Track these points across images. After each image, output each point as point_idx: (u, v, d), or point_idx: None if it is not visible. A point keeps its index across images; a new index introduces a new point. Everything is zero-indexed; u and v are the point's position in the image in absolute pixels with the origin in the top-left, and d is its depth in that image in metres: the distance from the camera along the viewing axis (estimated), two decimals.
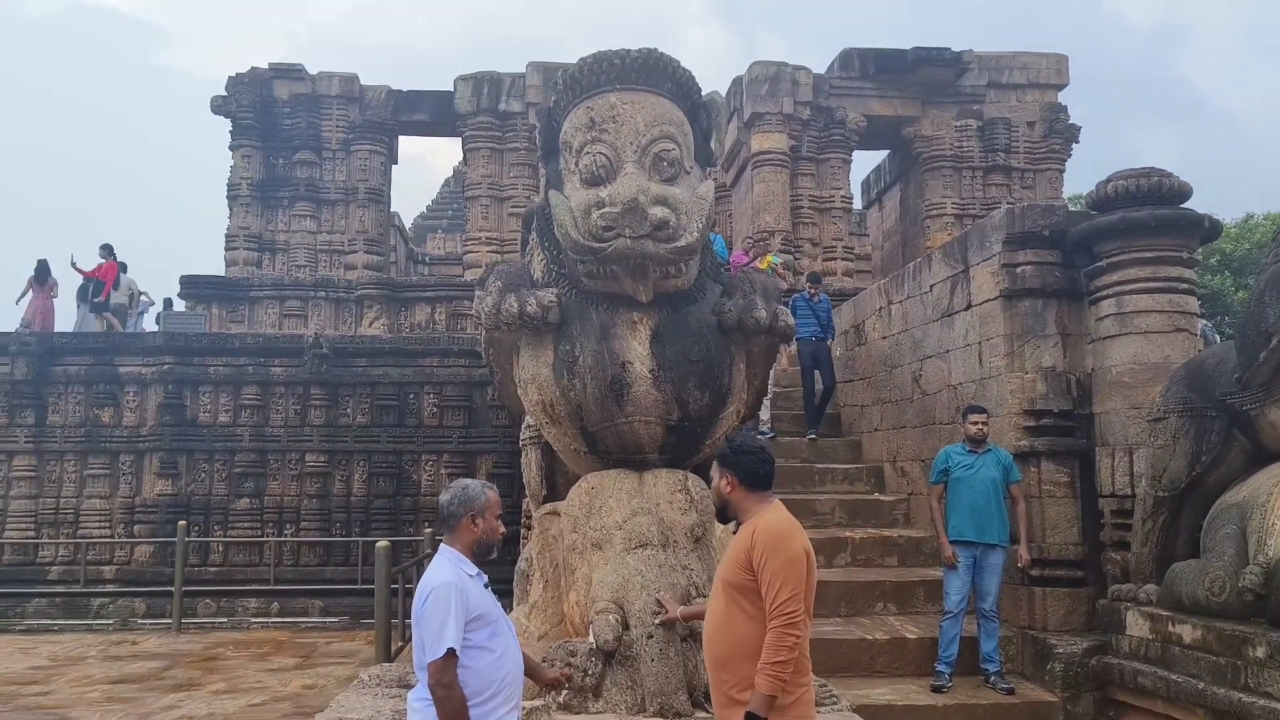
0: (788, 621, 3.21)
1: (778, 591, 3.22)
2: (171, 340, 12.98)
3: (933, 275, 9.34)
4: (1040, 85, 18.11)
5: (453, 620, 3.17)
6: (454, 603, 3.19)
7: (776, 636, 3.21)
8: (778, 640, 3.20)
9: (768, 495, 3.43)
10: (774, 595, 3.22)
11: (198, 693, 8.06)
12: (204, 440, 12.68)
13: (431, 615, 3.21)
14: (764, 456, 3.43)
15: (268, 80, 17.30)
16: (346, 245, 17.09)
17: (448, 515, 3.39)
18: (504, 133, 17.28)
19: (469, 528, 3.37)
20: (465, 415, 12.92)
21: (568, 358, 4.76)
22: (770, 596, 3.23)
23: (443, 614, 3.18)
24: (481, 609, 3.30)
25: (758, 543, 3.28)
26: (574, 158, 4.73)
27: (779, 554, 3.25)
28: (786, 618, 3.21)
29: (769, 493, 3.44)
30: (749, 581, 3.31)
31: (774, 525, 3.32)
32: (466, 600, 3.24)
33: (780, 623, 3.21)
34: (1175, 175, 7.53)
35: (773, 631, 3.22)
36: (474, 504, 3.39)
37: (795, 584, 3.23)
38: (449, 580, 3.25)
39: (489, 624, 3.32)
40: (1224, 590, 5.70)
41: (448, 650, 3.16)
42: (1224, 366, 6.27)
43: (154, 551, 12.27)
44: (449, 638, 3.16)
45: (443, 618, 3.18)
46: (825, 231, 17.14)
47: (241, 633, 11.28)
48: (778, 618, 3.21)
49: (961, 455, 7.32)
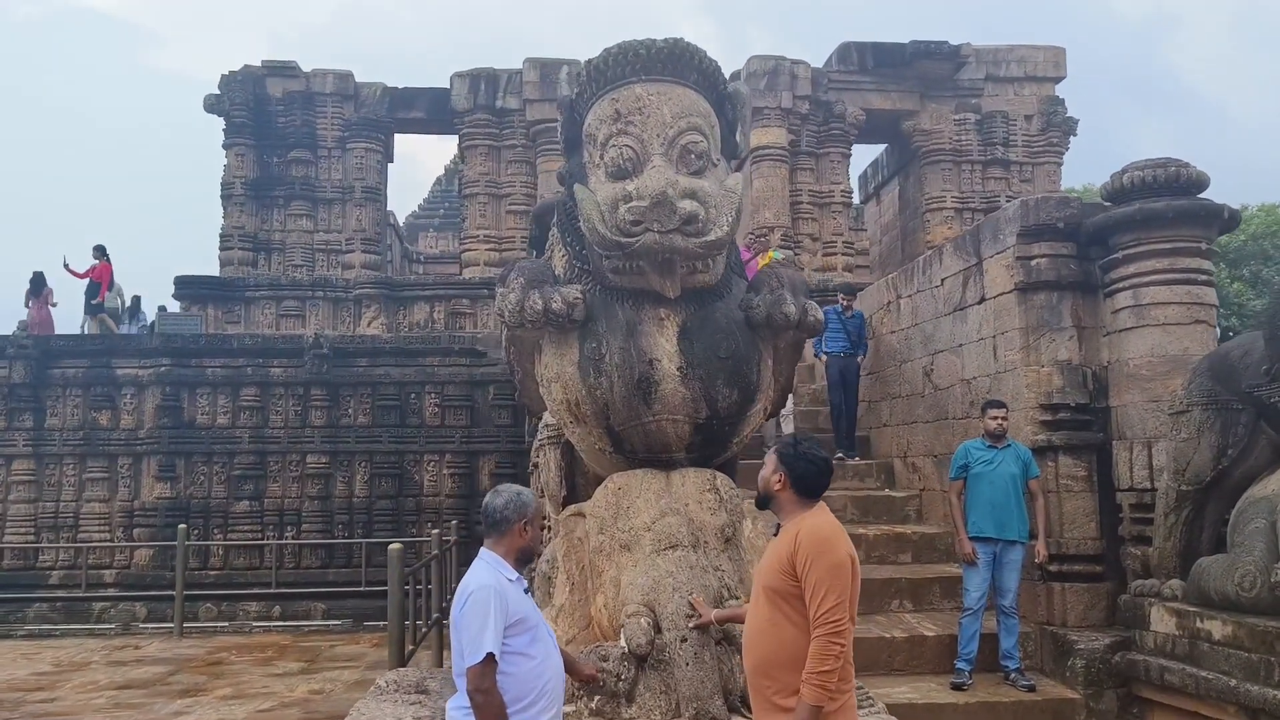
0: (833, 630, 3.11)
1: (822, 599, 3.12)
2: (168, 342, 12.85)
3: (944, 269, 9.26)
4: (1037, 78, 18.05)
5: (492, 624, 3.09)
6: (494, 606, 3.11)
7: (822, 646, 3.11)
8: (823, 650, 3.11)
9: (814, 501, 3.34)
10: (818, 603, 3.12)
11: (205, 698, 7.94)
12: (202, 443, 12.55)
13: (471, 619, 3.12)
14: (824, 469, 3.34)
15: (261, 78, 17.12)
16: (343, 244, 16.93)
17: (500, 519, 3.30)
18: (501, 130, 17.14)
19: (520, 533, 3.30)
20: (467, 415, 12.81)
21: (594, 355, 4.65)
22: (815, 604, 3.13)
23: (482, 618, 3.10)
24: (522, 613, 3.22)
25: (801, 547, 3.18)
26: (599, 150, 4.61)
27: (823, 560, 3.15)
28: (831, 626, 3.11)
29: (817, 500, 3.34)
30: (792, 587, 3.21)
31: (818, 530, 3.22)
32: (506, 604, 3.16)
33: (825, 631, 3.11)
34: (1192, 165, 7.46)
35: (817, 641, 3.12)
36: (527, 510, 3.32)
37: (840, 591, 3.14)
38: (487, 584, 3.16)
39: (529, 629, 3.24)
40: (1255, 585, 5.62)
41: (487, 655, 3.07)
42: (1250, 358, 6.20)
43: (154, 555, 12.15)
44: (488, 642, 3.07)
45: (482, 622, 3.09)
46: (825, 227, 17.06)
47: (244, 637, 11.16)
48: (822, 626, 3.12)
49: (981, 450, 7.24)
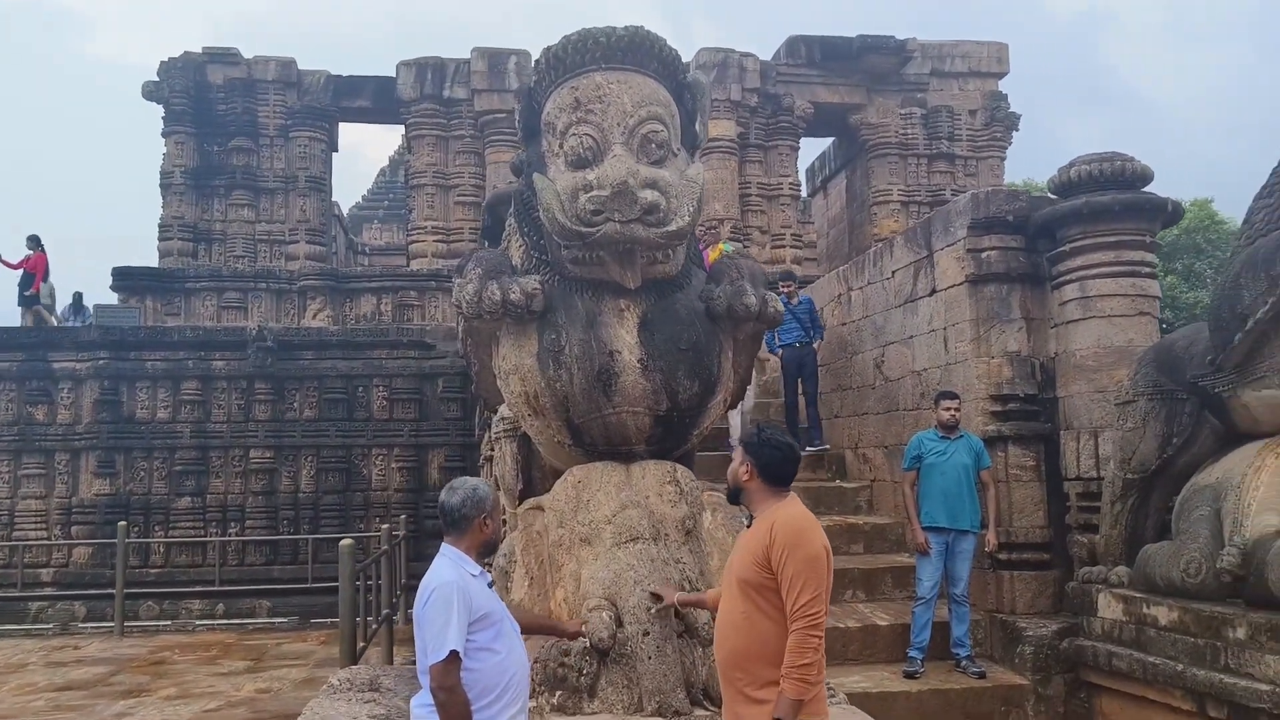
0: (811, 623, 3.10)
1: (799, 592, 3.10)
2: (106, 334, 12.50)
3: (895, 261, 9.34)
4: (981, 74, 18.31)
5: (455, 621, 3.04)
6: (456, 603, 3.06)
7: (800, 639, 3.10)
8: (802, 643, 3.10)
9: (785, 490, 3.32)
10: (795, 596, 3.11)
11: (148, 699, 7.75)
12: (143, 438, 12.25)
13: (434, 616, 3.07)
14: (790, 455, 3.32)
15: (201, 65, 16.73)
16: (287, 235, 16.62)
17: (459, 518, 3.24)
18: (449, 120, 16.96)
19: (480, 528, 3.25)
20: (416, 408, 12.65)
21: (553, 347, 4.59)
22: (791, 598, 3.11)
23: (445, 615, 3.05)
24: (486, 609, 3.17)
25: (776, 540, 3.16)
26: (558, 139, 4.55)
27: (799, 552, 3.13)
28: (810, 619, 3.10)
29: (787, 489, 3.33)
30: (767, 579, 3.19)
31: (793, 522, 3.20)
32: (470, 600, 3.11)
33: (803, 625, 3.10)
34: (1137, 160, 7.59)
35: (796, 634, 3.11)
36: (485, 505, 3.27)
37: (817, 584, 3.13)
38: (450, 580, 3.11)
39: (493, 624, 3.19)
40: (1200, 572, 5.74)
41: (450, 652, 3.02)
42: (1194, 348, 6.32)
43: (93, 553, 11.83)
44: (451, 639, 3.02)
45: (445, 619, 3.04)
46: (773, 219, 17.15)
47: (187, 635, 10.92)
48: (800, 619, 3.10)
49: (934, 441, 7.31)
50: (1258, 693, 5.11)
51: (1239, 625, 5.36)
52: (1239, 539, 5.52)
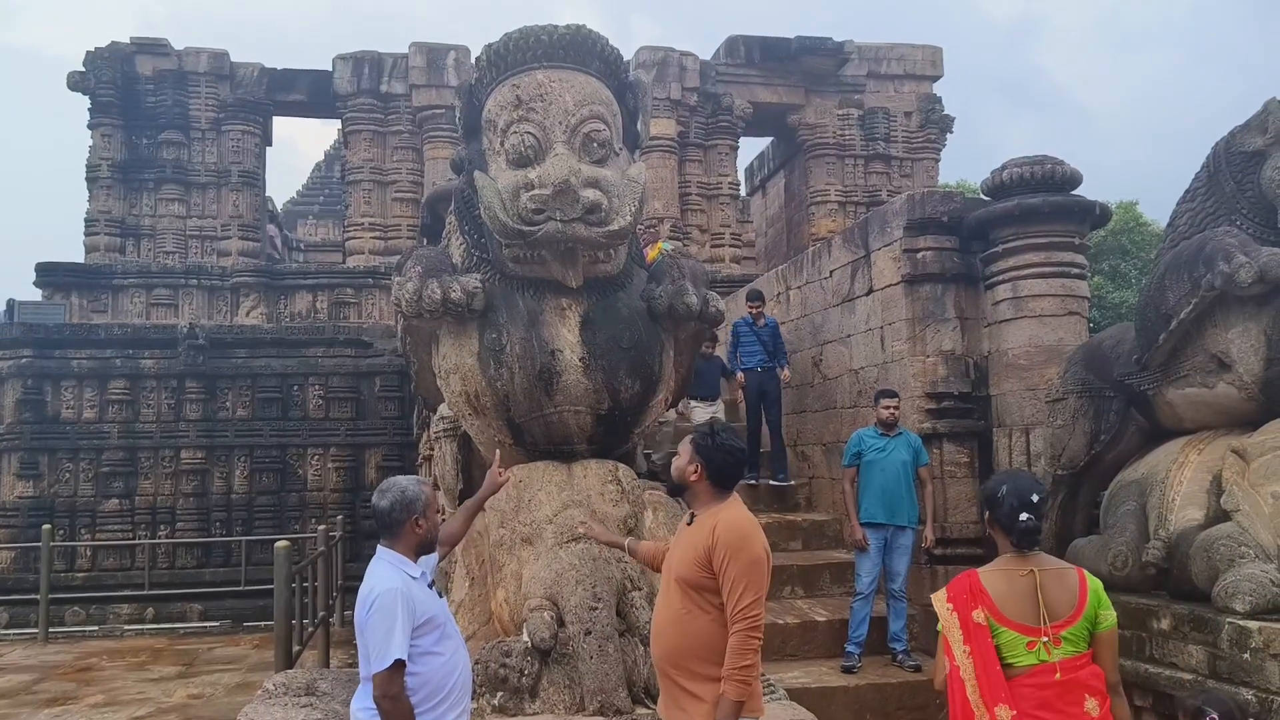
0: (751, 625, 3.13)
1: (741, 595, 3.13)
2: (29, 332, 12.13)
3: (833, 261, 9.44)
4: (916, 76, 18.57)
5: (399, 629, 3.00)
6: (400, 610, 3.02)
7: (741, 641, 3.12)
8: (743, 644, 3.12)
9: (729, 492, 3.35)
10: (737, 599, 3.13)
11: (74, 706, 7.57)
12: (67, 438, 11.93)
13: (377, 624, 3.03)
14: (740, 459, 3.34)
15: (129, 55, 16.29)
16: (219, 231, 16.27)
17: (391, 522, 3.19)
18: (386, 115, 16.74)
19: (412, 530, 3.19)
20: (353, 407, 12.49)
21: (494, 346, 4.57)
22: (733, 601, 3.14)
23: (388, 622, 3.00)
24: (429, 613, 3.14)
25: (719, 543, 3.18)
26: (499, 137, 4.53)
27: (742, 556, 3.15)
28: (750, 621, 3.13)
29: (731, 491, 3.36)
30: (707, 580, 3.21)
31: (735, 525, 3.22)
32: (414, 606, 3.07)
33: (744, 627, 3.12)
34: (1067, 163, 7.76)
35: (736, 636, 3.13)
36: (415, 506, 3.21)
37: (758, 587, 3.16)
38: (393, 586, 3.06)
39: (437, 627, 3.16)
40: (1127, 565, 5.88)
41: (394, 661, 2.98)
42: (1121, 348, 6.48)
43: (16, 557, 11.49)
44: (395, 648, 2.99)
45: (389, 626, 3.00)
46: (713, 218, 17.23)
47: (115, 640, 10.67)
48: (741, 622, 3.12)
49: (874, 439, 7.37)
50: (1181, 681, 5.26)
51: (1163, 616, 5.51)
52: (1163, 533, 5.67)
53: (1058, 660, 3.15)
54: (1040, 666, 3.15)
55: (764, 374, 9.69)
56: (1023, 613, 3.18)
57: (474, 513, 4.02)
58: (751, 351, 9.74)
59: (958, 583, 3.34)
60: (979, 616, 3.21)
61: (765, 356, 9.70)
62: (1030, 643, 3.16)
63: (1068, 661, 3.16)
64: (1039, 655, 3.16)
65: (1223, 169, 5.81)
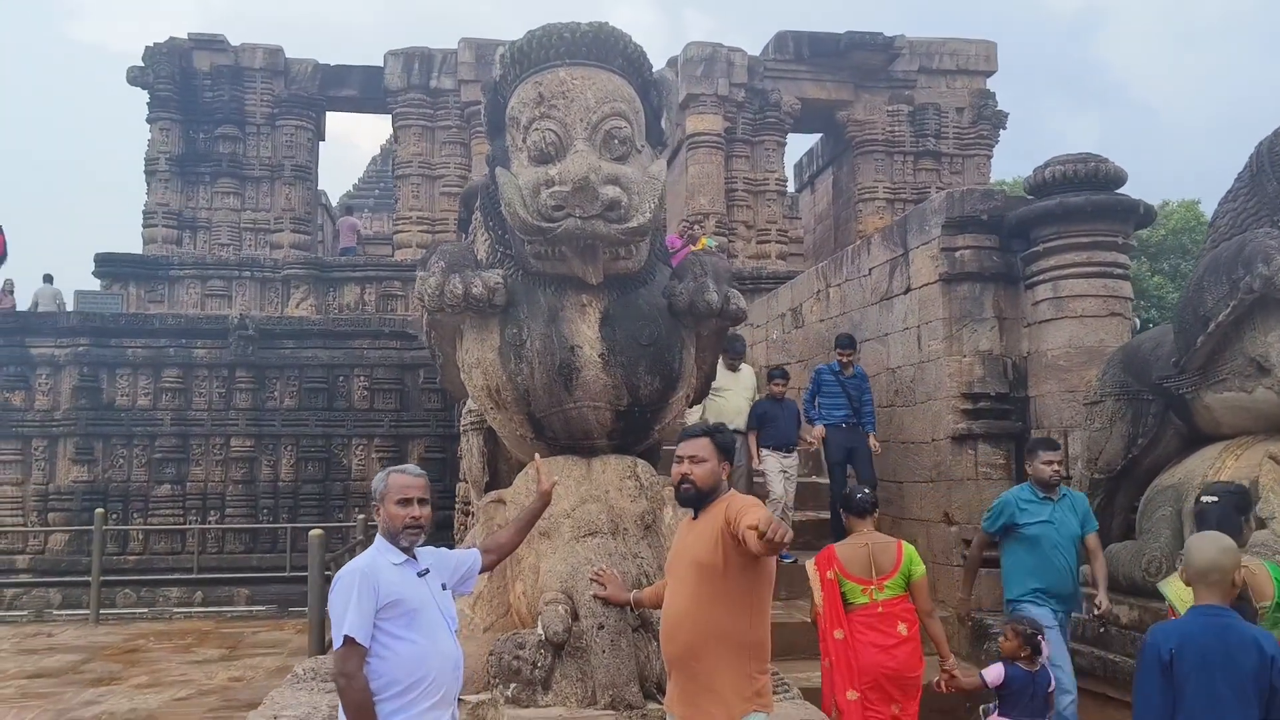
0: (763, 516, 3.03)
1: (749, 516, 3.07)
2: (87, 321, 12.48)
3: (872, 259, 9.37)
4: (969, 72, 18.34)
5: (354, 607, 3.06)
6: (356, 589, 3.09)
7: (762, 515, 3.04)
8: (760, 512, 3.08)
9: None
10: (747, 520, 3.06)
11: (119, 687, 7.76)
12: (122, 425, 12.24)
13: (334, 602, 3.15)
14: None
15: (187, 51, 16.69)
16: (272, 223, 16.61)
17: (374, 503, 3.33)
18: (435, 110, 16.95)
19: (380, 516, 3.28)
20: (397, 398, 12.66)
21: (515, 341, 4.62)
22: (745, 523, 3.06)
23: (343, 601, 3.10)
24: (397, 596, 3.14)
25: (733, 510, 3.21)
26: (521, 134, 4.57)
27: (757, 508, 3.18)
28: None
29: None
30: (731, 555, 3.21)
31: (746, 499, 3.32)
32: (376, 586, 3.11)
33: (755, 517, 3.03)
34: (1111, 161, 7.63)
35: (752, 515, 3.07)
36: (376, 491, 3.30)
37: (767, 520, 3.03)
38: (355, 567, 3.16)
39: (406, 612, 3.16)
40: (1161, 571, 5.78)
41: (345, 638, 3.06)
42: (1160, 350, 6.36)
43: (70, 540, 11.82)
44: (348, 624, 3.06)
45: (344, 603, 3.09)
46: (759, 214, 17.18)
47: (164, 623, 10.93)
48: None
49: (1032, 502, 5.68)
50: None
51: None
52: None
53: (881, 600, 4.98)
54: (869, 604, 4.98)
55: (849, 431, 8.46)
56: (860, 570, 5.02)
57: (526, 526, 4.08)
58: (836, 404, 8.51)
59: (822, 554, 5.25)
60: (830, 574, 5.09)
61: (850, 412, 8.50)
62: (864, 589, 5.00)
63: (888, 601, 4.99)
64: (870, 596, 4.99)
65: (1265, 169, 5.67)
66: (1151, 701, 3.18)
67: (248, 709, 5.30)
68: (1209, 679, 3.07)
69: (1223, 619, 3.19)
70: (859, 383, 8.58)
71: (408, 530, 3.22)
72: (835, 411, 8.49)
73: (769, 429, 8.44)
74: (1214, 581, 3.24)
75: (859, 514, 5.21)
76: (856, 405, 8.51)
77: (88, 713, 6.96)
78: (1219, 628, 3.16)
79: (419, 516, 3.23)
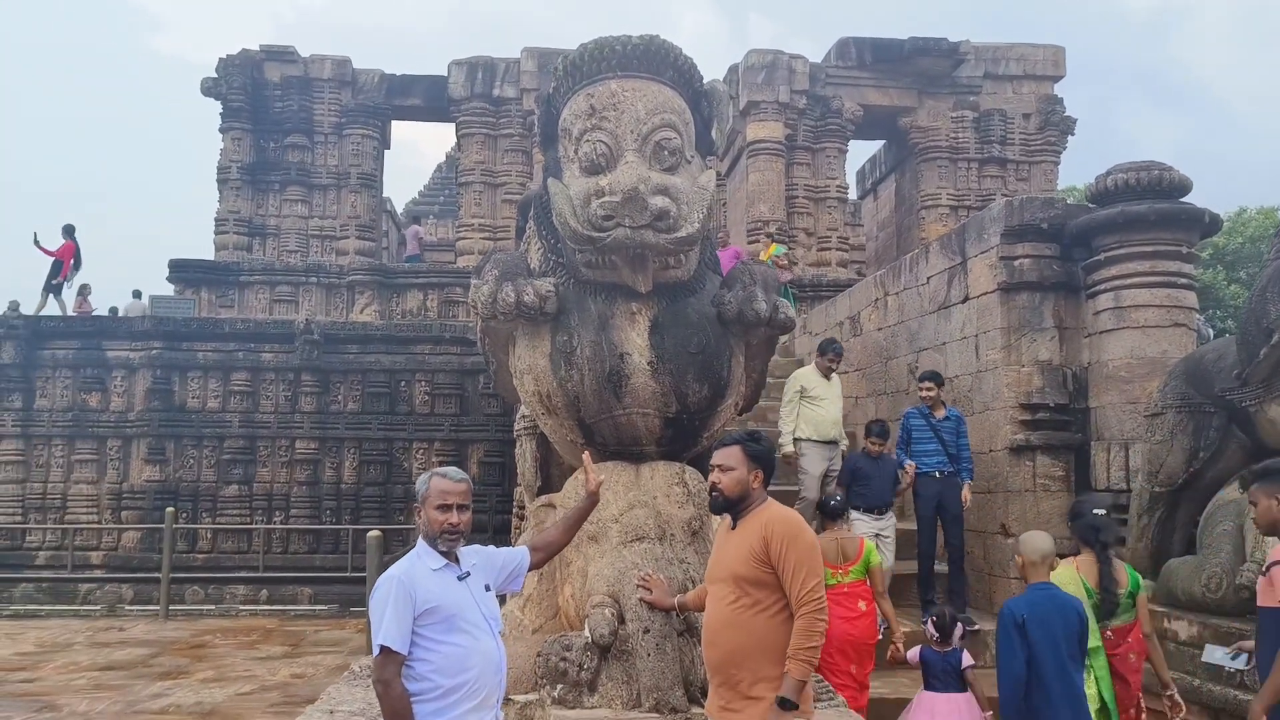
0: (817, 608, 3.24)
1: (804, 579, 3.24)
2: (160, 325, 12.89)
3: (930, 267, 9.29)
4: (1036, 77, 18.06)
5: (390, 616, 3.10)
6: (392, 598, 3.12)
7: (808, 623, 3.23)
8: (809, 626, 3.23)
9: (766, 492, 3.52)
10: (800, 583, 3.24)
11: (185, 681, 8.01)
12: (192, 426, 12.61)
13: (373, 610, 3.20)
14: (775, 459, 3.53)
15: (259, 62, 17.13)
16: (338, 230, 16.97)
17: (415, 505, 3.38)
18: (498, 119, 17.16)
19: (420, 517, 3.31)
20: (457, 403, 12.87)
21: (565, 348, 4.69)
22: (796, 585, 3.25)
23: (380, 609, 3.14)
24: (435, 602, 3.17)
25: (774, 535, 3.29)
26: (573, 145, 4.65)
27: (799, 543, 3.29)
28: (815, 604, 3.24)
29: None
30: (766, 575, 3.31)
31: (786, 517, 3.37)
32: (413, 594, 3.14)
33: (810, 609, 3.23)
34: (1175, 169, 7.48)
35: (803, 619, 3.24)
36: (417, 495, 3.32)
37: (818, 570, 3.30)
38: (392, 575, 3.20)
39: (444, 618, 3.19)
40: (1221, 587, 5.67)
41: (381, 647, 3.10)
42: (1223, 362, 6.23)
43: (141, 538, 12.22)
44: (383, 634, 3.10)
45: (380, 613, 3.14)
46: (820, 221, 17.11)
47: (230, 620, 11.24)
48: (807, 604, 3.23)
49: None
50: None
51: None
52: (1259, 555, 5.44)
53: (847, 582, 6.02)
54: (838, 585, 5.86)
55: (943, 481, 7.65)
56: (832, 558, 5.82)
57: (575, 524, 4.13)
58: (928, 450, 7.70)
59: None
60: None
61: (945, 459, 7.66)
62: (834, 573, 5.80)
63: (852, 584, 6.04)
64: (838, 580, 5.90)
65: None
66: (1014, 653, 4.17)
67: (307, 705, 5.45)
68: (1050, 632, 4.19)
69: (1050, 591, 4.37)
70: (955, 425, 7.71)
71: (445, 536, 3.25)
72: (928, 460, 7.68)
73: (861, 488, 7.52)
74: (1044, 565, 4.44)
75: (832, 517, 6.45)
76: (953, 451, 7.66)
77: (155, 705, 7.20)
78: (1049, 598, 4.33)
79: (456, 523, 3.24)
